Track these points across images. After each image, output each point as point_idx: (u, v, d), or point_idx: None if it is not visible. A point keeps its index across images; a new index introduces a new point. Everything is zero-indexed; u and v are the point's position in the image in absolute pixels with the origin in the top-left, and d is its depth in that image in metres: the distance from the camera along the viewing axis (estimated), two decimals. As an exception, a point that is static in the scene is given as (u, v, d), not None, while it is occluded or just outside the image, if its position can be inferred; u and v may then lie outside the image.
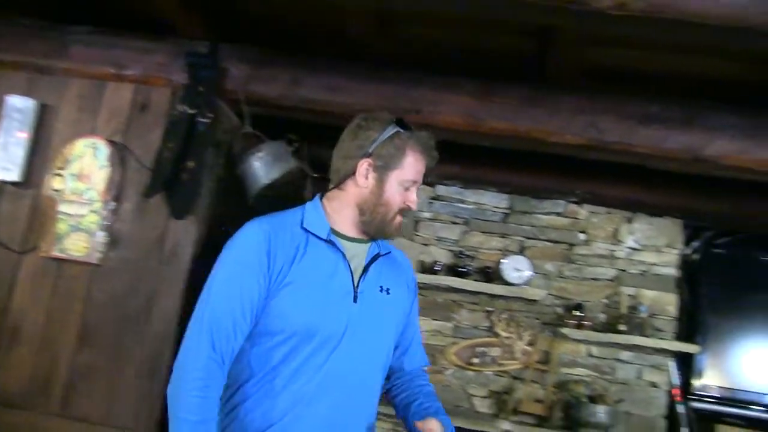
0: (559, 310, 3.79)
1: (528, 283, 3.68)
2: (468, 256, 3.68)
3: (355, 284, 1.77)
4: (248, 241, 1.71)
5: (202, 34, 2.77)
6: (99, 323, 2.62)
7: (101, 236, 2.64)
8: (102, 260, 2.63)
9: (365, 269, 1.81)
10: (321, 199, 1.85)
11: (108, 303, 2.63)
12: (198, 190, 2.68)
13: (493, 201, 3.80)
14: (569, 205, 3.82)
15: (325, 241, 1.76)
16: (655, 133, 2.67)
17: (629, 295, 3.78)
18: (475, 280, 3.62)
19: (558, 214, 3.82)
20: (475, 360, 3.69)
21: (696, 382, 3.74)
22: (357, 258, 1.81)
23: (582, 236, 3.83)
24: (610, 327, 3.70)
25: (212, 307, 1.65)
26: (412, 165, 1.78)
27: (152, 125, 2.72)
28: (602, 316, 3.77)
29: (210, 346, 1.61)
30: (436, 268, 3.64)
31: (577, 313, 3.67)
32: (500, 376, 3.71)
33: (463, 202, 3.80)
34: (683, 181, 3.44)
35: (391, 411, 1.95)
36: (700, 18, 1.82)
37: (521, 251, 3.77)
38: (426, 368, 2.03)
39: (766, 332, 3.85)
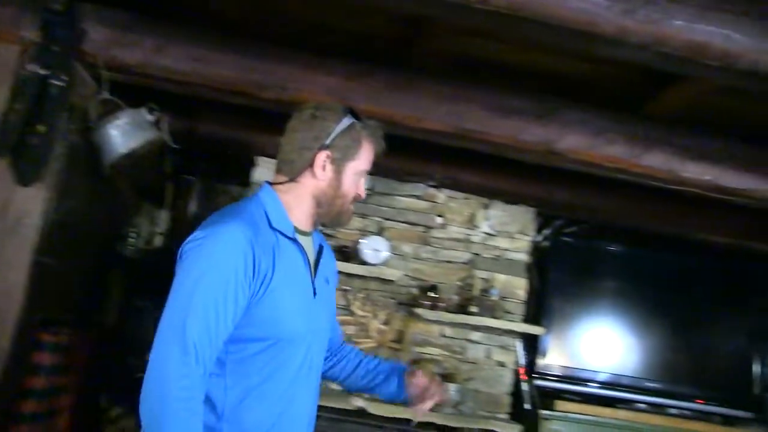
0: (414, 291, 4.04)
1: (385, 263, 3.88)
2: (327, 235, 3.80)
3: (312, 279, 1.83)
4: (232, 245, 1.64)
5: (60, -11, 2.69)
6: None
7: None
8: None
9: (317, 263, 1.88)
10: (272, 191, 1.83)
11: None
12: (48, 156, 2.63)
13: None
14: (428, 189, 4.05)
15: (290, 239, 1.77)
16: (513, 124, 2.92)
17: (482, 279, 4.09)
18: None
19: (417, 197, 4.04)
20: None
21: (540, 362, 4.13)
22: (310, 252, 1.86)
23: (439, 220, 4.09)
24: (462, 308, 3.99)
25: (195, 316, 1.57)
26: (366, 156, 1.85)
27: (-3, 84, 2.61)
28: (455, 298, 4.06)
29: (194, 357, 1.56)
30: None
31: (432, 294, 3.92)
32: (352, 354, 3.92)
33: None
34: (537, 172, 3.76)
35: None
36: (555, 20, 2.00)
37: (380, 232, 3.98)
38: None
39: (606, 316, 4.33)
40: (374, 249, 3.83)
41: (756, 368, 4.39)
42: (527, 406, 4.04)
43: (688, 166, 3.11)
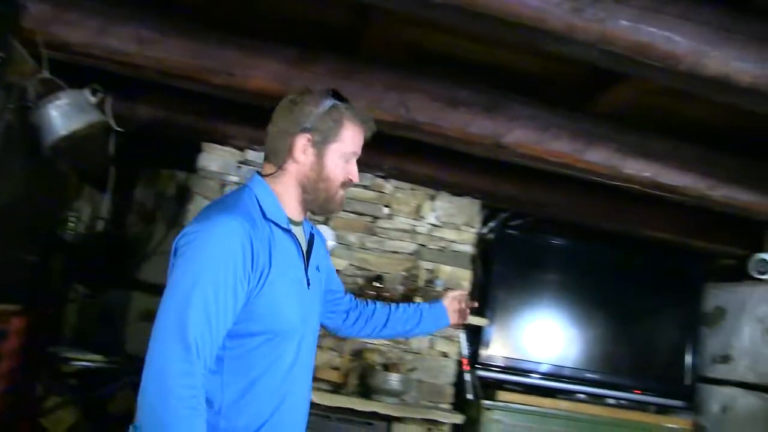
0: (360, 281, 4.04)
1: (331, 252, 3.84)
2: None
3: (306, 269, 1.82)
4: (231, 238, 1.61)
5: (-3, -37, 2.62)
6: None
7: None
8: None
9: (308, 252, 1.86)
10: (263, 181, 1.81)
11: None
12: (-18, 136, 2.55)
13: None
14: (376, 179, 4.06)
15: (284, 230, 1.76)
16: (461, 117, 2.95)
17: (427, 270, 4.12)
18: None
19: (365, 186, 4.03)
20: None
21: (483, 353, 4.18)
22: (302, 242, 1.85)
23: (386, 210, 4.10)
24: (407, 299, 3.98)
25: (195, 311, 1.55)
26: (350, 136, 1.81)
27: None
28: (400, 288, 4.07)
29: (196, 354, 1.53)
30: None
31: (377, 285, 3.93)
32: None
33: None
34: (484, 165, 3.79)
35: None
36: (505, 15, 2.03)
37: (326, 221, 3.95)
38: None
39: (548, 309, 4.40)
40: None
41: (688, 360, 4.53)
42: (470, 396, 4.08)
43: (629, 163, 3.19)
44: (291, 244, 1.78)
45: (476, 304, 2.44)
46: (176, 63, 2.72)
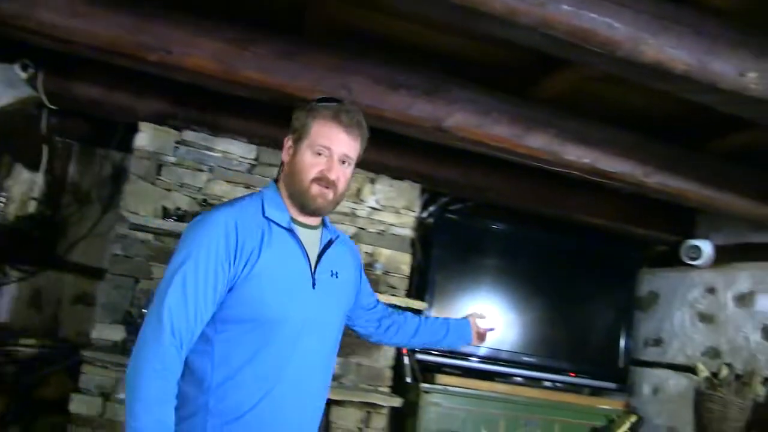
0: (301, 264, 4.03)
1: None
2: (211, 204, 3.73)
3: (313, 271, 1.93)
4: (214, 227, 1.80)
5: None
6: None
7: None
8: None
9: (320, 256, 1.97)
10: (274, 185, 1.99)
11: None
12: None
13: (241, 151, 3.89)
14: (317, 162, 4.03)
15: (286, 229, 1.89)
16: (402, 99, 2.94)
17: (367, 253, 4.12)
18: None
19: (305, 169, 4.01)
20: None
21: (422, 336, 4.25)
22: (312, 245, 1.96)
23: (324, 193, 4.08)
24: None
25: (173, 290, 1.73)
26: (319, 130, 1.90)
27: None
28: (341, 272, 4.09)
29: (170, 330, 1.70)
30: (177, 214, 3.65)
31: (317, 268, 3.93)
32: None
33: (210, 149, 3.84)
34: (424, 148, 3.80)
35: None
36: None
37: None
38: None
39: (487, 293, 4.45)
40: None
41: (622, 343, 4.66)
42: (408, 379, 4.12)
43: (568, 149, 3.23)
44: (293, 243, 1.90)
45: (494, 329, 2.67)
46: (112, 38, 2.64)
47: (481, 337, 2.58)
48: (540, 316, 4.53)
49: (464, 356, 4.31)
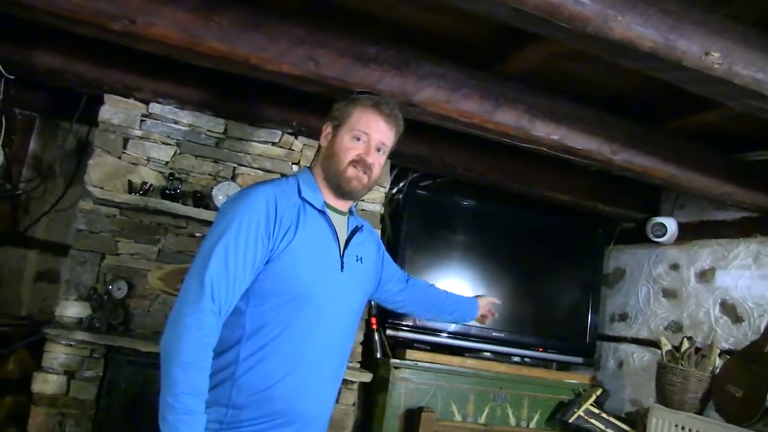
0: (269, 240, 3.99)
1: None
2: (178, 178, 3.69)
3: (341, 254, 2.06)
4: (257, 201, 1.90)
5: None
6: None
7: None
8: None
9: (348, 241, 2.11)
10: (308, 169, 2.15)
11: None
12: None
13: (209, 125, 3.82)
14: (285, 136, 3.97)
15: (319, 211, 2.03)
16: (371, 73, 2.88)
17: (337, 229, 4.12)
18: (185, 204, 3.64)
19: (273, 143, 3.95)
20: (180, 285, 3.71)
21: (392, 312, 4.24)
22: (341, 229, 2.11)
23: (295, 167, 4.00)
24: None
25: (215, 259, 1.80)
26: (359, 117, 2.07)
27: None
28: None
29: (210, 297, 1.77)
30: (144, 189, 3.60)
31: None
32: (204, 302, 3.79)
33: (177, 122, 3.77)
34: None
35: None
36: None
37: (233, 178, 3.87)
38: None
39: (457, 269, 4.46)
40: (227, 195, 3.69)
41: (589, 319, 4.72)
42: (378, 355, 4.13)
43: (538, 125, 3.23)
44: (325, 225, 2.04)
45: (497, 316, 2.97)
46: (72, 5, 2.55)
47: (485, 318, 2.85)
48: (509, 292, 4.55)
49: (434, 332, 4.32)
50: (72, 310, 3.56)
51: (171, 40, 2.66)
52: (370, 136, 2.07)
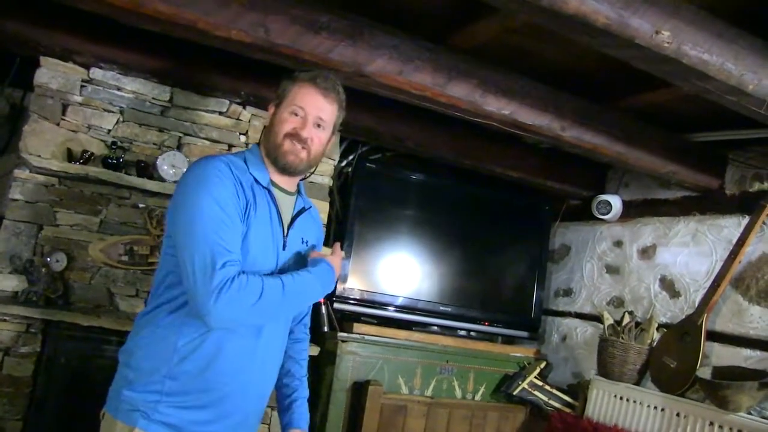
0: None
1: None
2: (121, 147, 3.55)
3: (285, 233, 2.07)
4: (219, 170, 1.91)
5: None
6: None
7: None
8: None
9: (293, 220, 2.13)
10: (256, 146, 2.16)
11: None
12: None
13: (154, 92, 3.67)
14: (233, 106, 3.85)
15: (263, 187, 2.04)
16: (323, 42, 2.81)
17: (285, 201, 4.05)
18: (128, 174, 3.51)
19: (221, 113, 3.84)
20: (124, 258, 3.61)
21: (340, 286, 4.15)
22: (286, 208, 2.12)
23: (243, 138, 3.91)
24: None
25: (205, 228, 1.81)
26: (296, 92, 2.08)
27: None
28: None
29: (222, 254, 1.79)
30: (85, 157, 3.43)
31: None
32: (148, 274, 3.67)
33: (120, 89, 3.60)
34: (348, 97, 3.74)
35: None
36: None
37: (179, 148, 3.75)
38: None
39: (405, 243, 4.43)
40: (172, 165, 3.60)
41: (534, 294, 4.76)
42: (326, 328, 4.09)
43: (489, 100, 3.20)
44: (269, 201, 2.04)
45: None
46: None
47: None
48: (456, 267, 4.55)
49: (381, 306, 4.30)
50: (6, 283, 3.40)
51: (115, 0, 2.51)
52: (306, 111, 2.07)
